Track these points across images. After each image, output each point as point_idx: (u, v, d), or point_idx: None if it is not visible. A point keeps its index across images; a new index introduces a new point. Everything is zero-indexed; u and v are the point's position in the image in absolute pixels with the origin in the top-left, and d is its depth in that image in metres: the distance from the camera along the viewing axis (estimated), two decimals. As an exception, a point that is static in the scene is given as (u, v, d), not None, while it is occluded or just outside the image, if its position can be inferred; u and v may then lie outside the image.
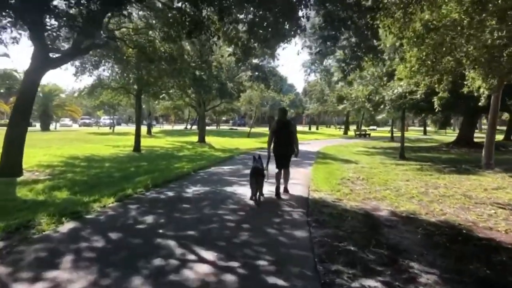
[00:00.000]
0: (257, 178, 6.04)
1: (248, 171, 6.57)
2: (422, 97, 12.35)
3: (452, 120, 49.69)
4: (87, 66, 14.63)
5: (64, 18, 7.70)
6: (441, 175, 10.09)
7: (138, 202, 6.03)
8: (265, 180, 6.26)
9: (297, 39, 30.39)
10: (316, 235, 4.39)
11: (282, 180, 6.71)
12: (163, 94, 18.29)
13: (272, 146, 6.68)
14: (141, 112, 16.37)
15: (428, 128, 62.22)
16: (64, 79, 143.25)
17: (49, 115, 42.52)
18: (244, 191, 6.94)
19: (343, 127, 62.01)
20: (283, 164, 6.66)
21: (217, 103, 34.60)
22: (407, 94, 9.73)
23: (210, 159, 13.09)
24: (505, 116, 45.14)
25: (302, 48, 30.30)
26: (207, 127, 52.82)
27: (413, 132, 48.59)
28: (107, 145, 20.71)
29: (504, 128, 31.60)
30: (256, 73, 20.56)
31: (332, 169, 10.85)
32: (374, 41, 10.30)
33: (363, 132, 34.98)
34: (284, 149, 6.62)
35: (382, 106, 14.55)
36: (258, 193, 6.11)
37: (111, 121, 45.04)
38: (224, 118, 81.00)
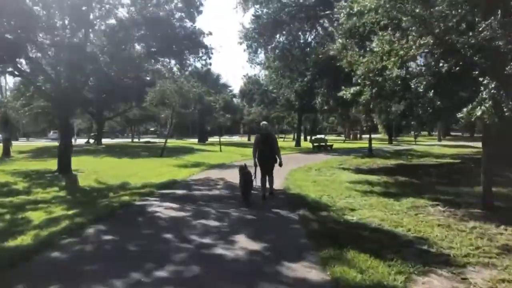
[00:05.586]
0: (245, 187, 7.03)
1: None
2: None
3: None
4: None
5: None
6: None
7: None
8: (255, 185, 7.33)
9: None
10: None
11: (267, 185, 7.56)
12: None
13: (257, 156, 7.51)
14: None
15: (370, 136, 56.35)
16: None
17: None
18: None
19: (286, 136, 54.18)
20: (267, 171, 7.50)
21: (120, 108, 24.13)
22: None
23: None
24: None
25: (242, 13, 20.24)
26: (117, 139, 40.79)
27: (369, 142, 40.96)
28: None
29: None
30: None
31: None
32: None
33: (323, 143, 26.30)
34: (267, 158, 7.45)
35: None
36: (247, 196, 7.03)
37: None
38: (152, 129, 68.77)
